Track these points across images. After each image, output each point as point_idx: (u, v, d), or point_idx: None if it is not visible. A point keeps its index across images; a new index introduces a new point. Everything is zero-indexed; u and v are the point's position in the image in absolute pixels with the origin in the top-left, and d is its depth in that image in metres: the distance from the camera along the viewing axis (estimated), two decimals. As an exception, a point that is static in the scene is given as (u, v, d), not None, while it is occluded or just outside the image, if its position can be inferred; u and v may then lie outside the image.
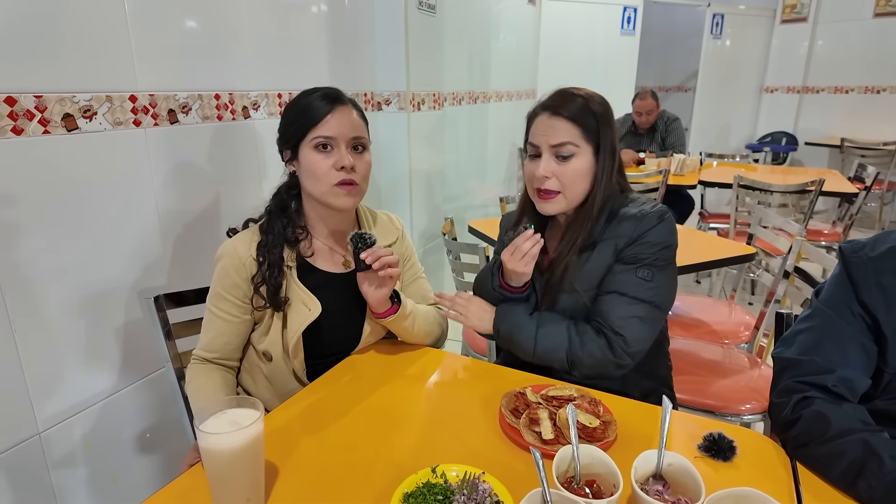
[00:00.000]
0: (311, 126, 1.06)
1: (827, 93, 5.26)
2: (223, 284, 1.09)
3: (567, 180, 1.07)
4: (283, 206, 1.14)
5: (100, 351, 1.32)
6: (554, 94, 1.12)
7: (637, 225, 1.08)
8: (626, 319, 1.06)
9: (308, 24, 1.88)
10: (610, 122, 1.09)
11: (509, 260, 1.09)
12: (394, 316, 1.13)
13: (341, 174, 1.06)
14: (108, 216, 1.29)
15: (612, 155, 1.10)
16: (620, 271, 1.08)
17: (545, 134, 1.08)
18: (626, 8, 4.57)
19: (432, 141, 2.60)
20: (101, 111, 1.24)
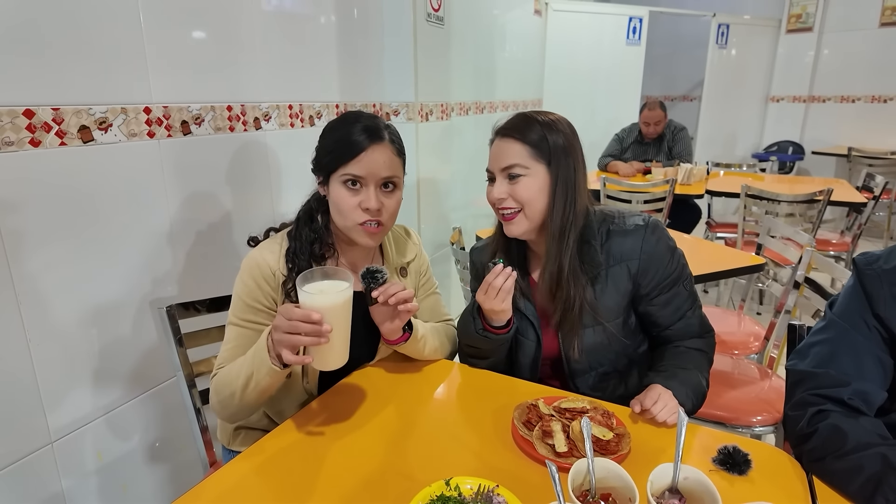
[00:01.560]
0: (344, 162, 1.04)
1: (833, 102, 5.26)
2: (252, 295, 1.06)
3: (522, 198, 1.07)
4: (310, 215, 1.13)
5: (112, 361, 1.33)
6: (511, 118, 1.12)
7: (639, 242, 1.09)
8: (700, 318, 1.16)
9: (318, 36, 1.90)
10: (565, 146, 1.07)
11: (484, 300, 1.07)
12: (405, 343, 1.12)
13: (365, 215, 1.05)
14: (122, 227, 1.31)
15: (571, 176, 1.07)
16: (670, 300, 1.12)
17: (496, 158, 1.10)
18: (631, 18, 4.59)
19: (440, 151, 2.62)
20: (116, 123, 1.26)
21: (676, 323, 1.15)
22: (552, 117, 1.11)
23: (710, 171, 4.02)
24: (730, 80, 5.29)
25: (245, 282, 1.07)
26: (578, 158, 1.10)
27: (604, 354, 1.15)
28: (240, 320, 1.08)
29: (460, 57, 2.89)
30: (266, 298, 1.07)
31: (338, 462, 0.88)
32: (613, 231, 1.12)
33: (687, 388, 1.04)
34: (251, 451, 0.93)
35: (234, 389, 0.98)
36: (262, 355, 0.93)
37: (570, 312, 1.10)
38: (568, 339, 1.13)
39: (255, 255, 1.08)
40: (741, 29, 5.19)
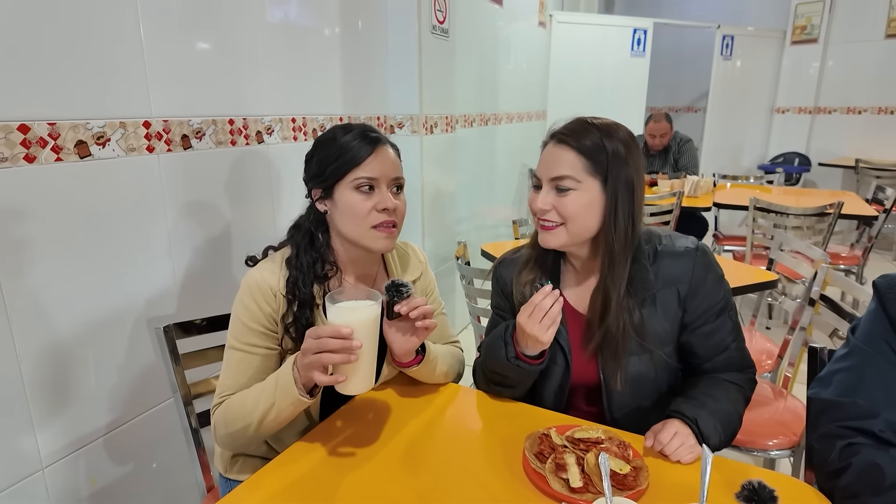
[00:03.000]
0: (354, 166, 1.01)
1: (839, 113, 5.23)
2: (253, 317, 1.02)
3: (567, 213, 0.98)
4: (311, 239, 1.08)
5: (107, 382, 1.29)
6: (568, 122, 1.03)
7: (690, 265, 1.02)
8: (742, 352, 1.07)
9: (322, 49, 1.88)
10: (626, 159, 0.98)
11: (528, 323, 0.95)
12: (417, 366, 1.07)
13: (382, 216, 1.02)
14: (119, 244, 1.27)
15: (628, 193, 0.98)
16: (714, 331, 1.05)
17: (546, 165, 1.01)
18: (636, 30, 4.58)
19: (444, 163, 2.59)
20: (114, 138, 1.22)
21: (718, 356, 1.06)
22: (613, 126, 1.01)
23: (717, 183, 3.98)
24: (735, 91, 5.27)
25: (245, 303, 1.03)
26: (639, 174, 1.00)
27: (648, 386, 1.06)
28: (241, 344, 1.03)
29: (464, 69, 2.87)
30: (268, 320, 1.03)
31: (341, 495, 0.84)
32: (662, 252, 1.04)
33: (716, 420, 0.96)
34: (252, 484, 0.88)
35: (249, 422, 0.94)
36: (287, 386, 0.90)
37: (614, 338, 1.01)
38: (610, 366, 1.04)
39: (254, 274, 1.04)
40: (746, 40, 5.17)
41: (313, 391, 0.92)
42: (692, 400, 0.99)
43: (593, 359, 1.06)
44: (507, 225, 4.07)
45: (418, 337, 1.01)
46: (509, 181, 4.02)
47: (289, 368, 0.91)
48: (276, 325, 1.03)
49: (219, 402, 1.03)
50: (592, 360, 1.06)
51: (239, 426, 0.96)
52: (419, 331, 0.99)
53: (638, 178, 1.00)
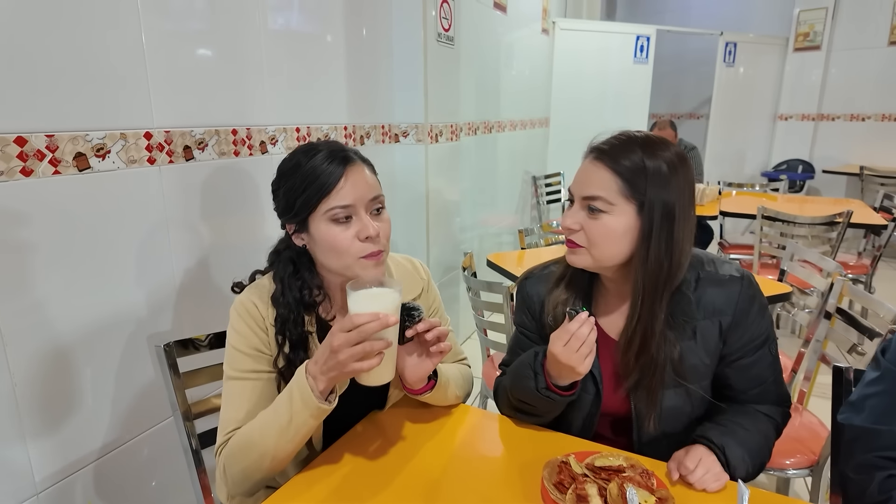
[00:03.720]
0: (324, 196, 0.90)
1: (843, 120, 5.21)
2: (248, 342, 0.96)
3: (594, 237, 0.91)
4: (295, 269, 0.99)
5: (104, 401, 1.25)
6: (611, 137, 0.94)
7: (735, 295, 0.95)
8: (779, 386, 1.02)
9: (326, 57, 1.85)
10: (668, 182, 0.89)
11: (564, 353, 0.87)
12: (430, 393, 1.01)
13: (367, 245, 0.92)
14: (119, 258, 1.23)
15: (667, 223, 0.89)
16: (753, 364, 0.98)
17: (580, 181, 0.94)
18: (639, 37, 4.56)
19: (449, 172, 2.56)
20: (114, 149, 1.19)
21: (754, 389, 1.00)
22: (659, 143, 0.92)
23: (723, 190, 3.95)
24: (738, 98, 5.25)
25: (238, 330, 0.97)
26: (683, 200, 0.90)
27: (682, 419, 1.00)
28: (239, 372, 0.97)
29: (468, 76, 2.85)
30: (264, 344, 0.97)
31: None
32: (704, 279, 0.96)
33: (744, 450, 0.91)
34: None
35: (263, 450, 0.88)
36: (305, 397, 0.83)
37: (650, 374, 0.94)
38: (643, 400, 0.97)
39: (243, 300, 0.98)
40: (748, 47, 5.16)
41: (330, 398, 0.86)
42: (720, 427, 0.95)
43: (622, 387, 1.00)
44: (510, 233, 4.03)
45: (432, 361, 0.95)
46: (512, 189, 3.99)
47: (302, 378, 0.84)
48: (268, 349, 0.98)
49: (224, 440, 0.95)
50: (622, 390, 1.00)
51: (252, 458, 0.89)
52: (433, 354, 0.94)
53: (682, 205, 0.90)
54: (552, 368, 0.93)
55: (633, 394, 0.98)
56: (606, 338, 1.03)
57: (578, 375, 0.90)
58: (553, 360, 0.91)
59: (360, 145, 2.04)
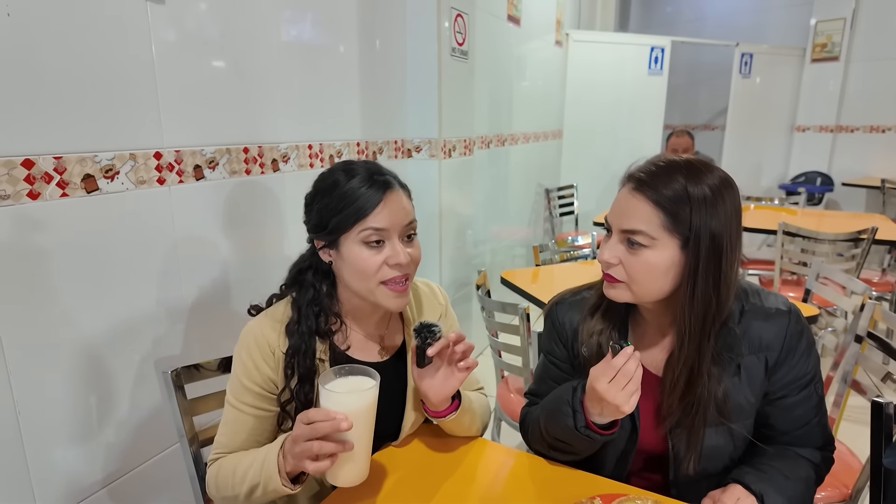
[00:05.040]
0: (360, 218, 0.89)
1: (862, 132, 5.11)
2: (249, 375, 0.94)
3: (634, 273, 0.86)
4: (315, 296, 0.97)
5: (109, 429, 1.21)
6: (650, 163, 0.88)
7: (783, 331, 0.90)
8: (823, 428, 0.95)
9: (339, 72, 1.82)
10: (714, 211, 0.82)
11: (609, 390, 0.81)
12: (455, 414, 0.97)
13: (394, 271, 0.90)
14: (128, 281, 1.20)
15: (714, 257, 0.83)
16: (797, 404, 0.92)
17: (618, 212, 0.88)
18: (653, 48, 4.51)
19: (462, 187, 2.52)
20: (123, 170, 1.16)
21: (796, 431, 0.94)
22: (703, 167, 0.85)
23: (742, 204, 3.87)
24: (754, 109, 5.18)
25: (242, 360, 0.94)
26: (730, 230, 0.83)
27: (722, 460, 0.95)
28: (237, 401, 0.95)
29: (482, 89, 2.82)
30: (265, 381, 0.94)
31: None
32: (749, 311, 0.90)
33: (785, 499, 0.85)
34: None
35: (237, 493, 0.87)
36: (271, 473, 0.82)
37: (695, 414, 0.88)
38: (683, 440, 0.91)
39: (253, 328, 0.95)
40: (765, 58, 5.09)
41: (300, 477, 0.84)
42: (759, 472, 0.89)
43: (661, 425, 0.94)
44: (522, 246, 3.99)
45: (458, 378, 0.92)
46: (524, 202, 3.95)
47: (274, 454, 0.83)
48: (274, 386, 0.95)
49: (214, 458, 0.97)
50: (660, 428, 0.94)
51: (228, 494, 0.90)
52: (460, 371, 0.91)
53: (730, 234, 0.84)
54: (593, 406, 0.86)
55: (672, 433, 0.93)
56: (645, 373, 0.96)
57: (622, 414, 0.84)
58: (595, 398, 0.84)
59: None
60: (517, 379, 1.99)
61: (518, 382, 1.98)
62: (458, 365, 0.90)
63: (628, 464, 0.99)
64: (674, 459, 0.94)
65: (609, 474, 0.98)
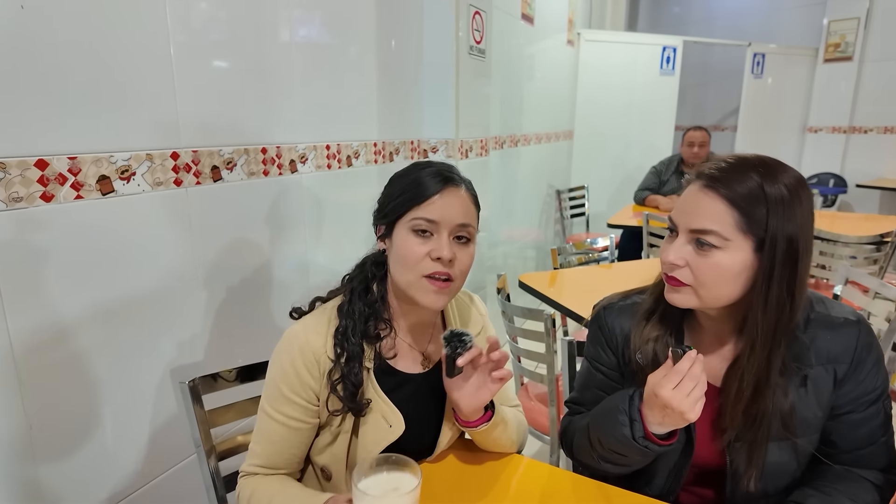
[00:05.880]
0: (415, 204, 0.88)
1: (876, 133, 5.04)
2: (290, 384, 0.89)
3: (704, 276, 0.80)
4: (366, 286, 0.95)
5: (124, 442, 1.16)
6: (722, 160, 0.83)
7: (852, 342, 0.85)
8: (889, 449, 0.89)
9: (356, 71, 1.77)
10: (792, 212, 0.77)
11: (675, 396, 0.76)
12: (487, 424, 0.93)
13: (435, 265, 0.87)
14: (143, 287, 1.15)
15: (790, 260, 0.78)
16: (864, 421, 0.86)
17: (686, 211, 0.82)
18: (665, 48, 4.46)
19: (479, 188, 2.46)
20: (139, 171, 1.11)
21: (860, 450, 0.88)
22: (777, 166, 0.81)
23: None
24: (766, 110, 5.12)
25: (283, 367, 0.90)
26: (806, 232, 0.79)
27: (785, 478, 0.89)
28: (274, 411, 0.91)
29: (497, 90, 2.76)
30: (306, 391, 0.90)
31: None
32: (815, 321, 0.86)
33: None
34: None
35: None
36: None
37: (758, 427, 0.84)
38: (743, 455, 0.86)
39: (297, 333, 0.91)
40: (777, 58, 5.03)
41: None
42: (824, 495, 0.83)
43: (719, 438, 0.89)
44: (533, 248, 3.93)
45: (490, 390, 0.88)
46: (535, 203, 3.89)
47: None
48: (316, 398, 0.91)
49: (249, 470, 0.93)
50: (718, 440, 0.89)
51: None
52: (494, 381, 0.87)
53: (805, 237, 0.79)
54: (653, 414, 0.81)
55: (731, 446, 0.87)
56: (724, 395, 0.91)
57: (686, 422, 0.79)
58: (657, 405, 0.79)
59: (390, 162, 1.96)
60: (537, 385, 1.93)
61: (538, 389, 1.92)
62: (492, 375, 0.87)
63: (682, 478, 0.93)
64: (732, 476, 0.89)
65: (660, 489, 0.93)
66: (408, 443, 0.93)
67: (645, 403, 0.83)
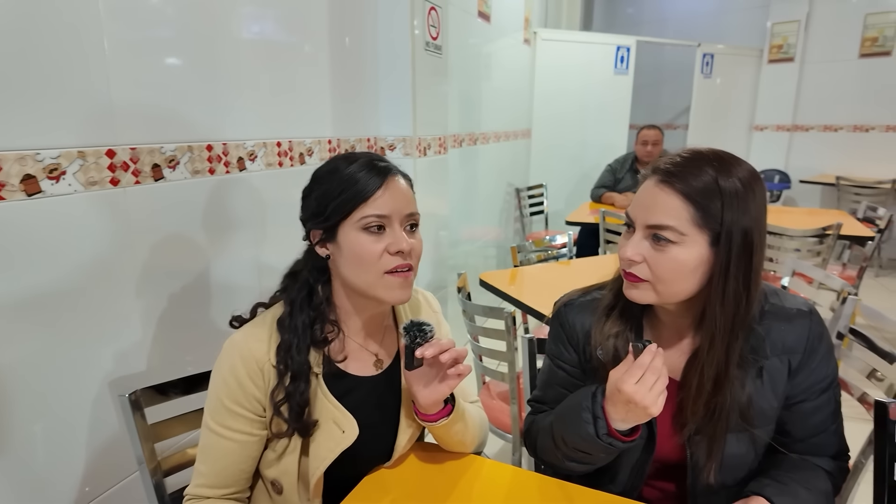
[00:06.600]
0: (360, 202, 0.84)
1: (817, 131, 5.29)
2: (233, 396, 0.84)
3: (661, 272, 0.81)
4: (309, 291, 0.90)
5: (59, 464, 1.08)
6: (677, 155, 0.83)
7: (805, 332, 0.86)
8: (839, 436, 0.92)
9: (308, 67, 1.72)
10: (746, 205, 0.78)
11: (639, 390, 0.76)
12: (447, 419, 0.90)
13: (396, 259, 0.85)
14: (79, 294, 1.07)
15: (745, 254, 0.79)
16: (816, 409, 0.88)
17: (643, 206, 0.82)
18: (619, 47, 4.55)
19: (438, 187, 2.44)
20: (70, 170, 1.03)
21: (813, 438, 0.90)
22: (732, 160, 0.81)
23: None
24: (715, 109, 5.29)
25: (225, 379, 0.85)
26: (760, 225, 0.80)
27: (742, 470, 0.90)
28: (218, 426, 0.86)
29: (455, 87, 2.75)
30: (251, 402, 0.85)
31: None
32: (770, 312, 0.87)
33: None
34: None
35: None
36: None
37: (717, 420, 0.84)
38: (703, 448, 0.87)
39: (238, 342, 0.86)
40: (725, 59, 5.21)
41: None
42: (780, 484, 0.84)
43: (680, 432, 0.89)
44: (494, 246, 3.94)
45: (448, 385, 0.86)
46: (495, 201, 3.90)
47: None
48: (262, 408, 0.86)
49: (194, 494, 0.87)
50: (678, 434, 0.89)
51: None
52: (450, 378, 0.84)
53: (759, 230, 0.80)
54: (616, 410, 0.81)
55: (692, 440, 0.88)
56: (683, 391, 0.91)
57: (649, 417, 0.79)
58: (620, 400, 0.79)
59: (346, 160, 1.90)
60: (498, 384, 1.93)
61: (499, 387, 1.92)
62: (448, 371, 0.84)
63: (644, 474, 0.93)
64: (692, 469, 0.89)
65: (623, 486, 0.93)
66: (363, 449, 0.89)
67: (608, 400, 0.82)
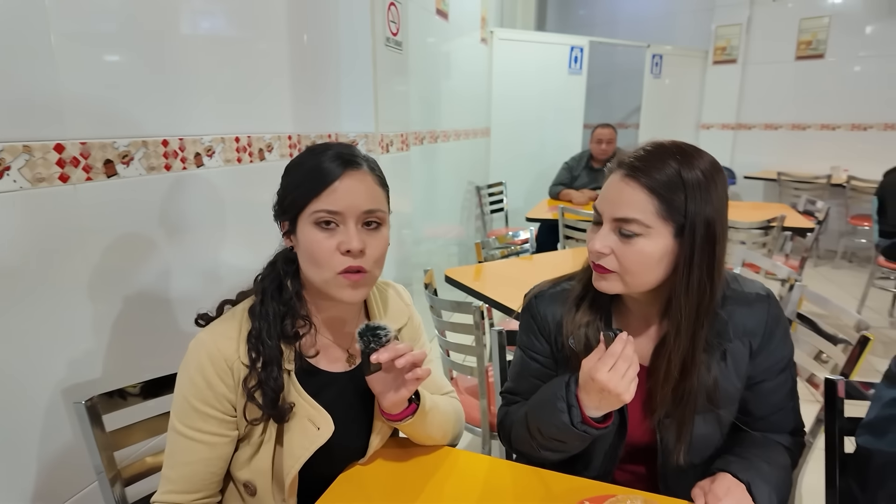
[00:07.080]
0: (314, 195, 0.81)
1: (759, 129, 5.56)
2: (201, 396, 0.81)
3: (628, 263, 0.83)
4: (279, 284, 0.88)
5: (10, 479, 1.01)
6: (641, 149, 0.84)
7: (763, 315, 0.90)
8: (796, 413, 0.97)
9: (267, 62, 1.68)
10: (708, 196, 0.80)
11: (612, 378, 0.78)
12: (411, 418, 0.90)
13: (346, 260, 0.82)
14: (27, 296, 1.01)
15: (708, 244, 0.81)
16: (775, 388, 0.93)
17: (609, 200, 0.84)
18: (573, 48, 4.64)
19: (400, 183, 2.43)
20: (15, 165, 0.97)
21: (772, 416, 0.94)
22: (694, 152, 0.84)
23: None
24: (664, 108, 5.48)
25: (192, 378, 0.82)
26: (722, 215, 0.82)
27: (709, 450, 0.94)
28: (186, 428, 0.82)
29: (415, 84, 2.74)
30: (220, 402, 0.83)
31: None
32: (730, 297, 0.90)
33: (770, 487, 0.84)
34: None
35: None
36: None
37: (685, 405, 0.87)
38: (672, 432, 0.89)
39: (205, 341, 0.83)
40: (673, 59, 5.40)
41: None
42: (744, 460, 0.88)
43: (650, 417, 0.92)
44: (456, 244, 3.95)
45: (408, 388, 0.85)
46: (456, 199, 3.92)
47: None
48: (232, 408, 0.83)
49: (163, 501, 0.83)
50: (649, 419, 0.92)
51: None
52: (408, 382, 0.83)
53: (722, 220, 0.82)
54: (590, 399, 0.83)
55: (661, 423, 0.91)
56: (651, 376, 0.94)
57: (621, 403, 0.81)
58: (594, 389, 0.81)
59: (307, 157, 1.87)
60: (466, 378, 1.94)
61: (467, 382, 1.93)
62: (406, 376, 0.83)
63: (617, 459, 0.96)
64: (662, 452, 0.92)
65: (597, 471, 0.95)
66: (338, 446, 0.88)
67: (581, 388, 0.84)
